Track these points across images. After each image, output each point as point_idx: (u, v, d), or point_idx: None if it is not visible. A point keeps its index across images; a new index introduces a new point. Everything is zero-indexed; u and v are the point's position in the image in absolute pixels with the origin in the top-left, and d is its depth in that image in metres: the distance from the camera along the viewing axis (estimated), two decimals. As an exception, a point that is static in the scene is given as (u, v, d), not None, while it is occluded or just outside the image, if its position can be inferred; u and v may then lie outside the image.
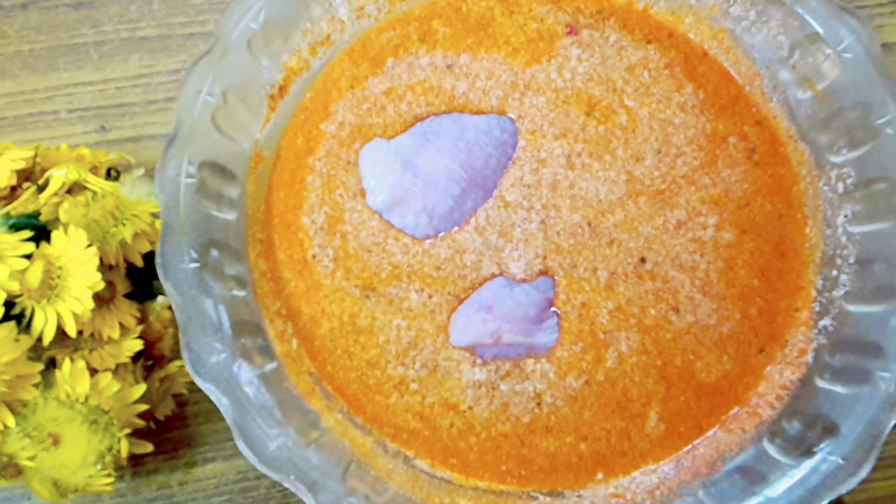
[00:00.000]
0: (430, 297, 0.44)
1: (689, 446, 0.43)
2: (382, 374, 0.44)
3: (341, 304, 0.44)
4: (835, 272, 0.44)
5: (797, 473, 0.39)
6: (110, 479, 0.41)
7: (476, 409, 0.43)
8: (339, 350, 0.44)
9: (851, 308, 0.43)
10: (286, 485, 0.38)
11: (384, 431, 0.43)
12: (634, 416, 0.43)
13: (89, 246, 0.39)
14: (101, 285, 0.39)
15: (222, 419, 0.45)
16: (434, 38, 0.48)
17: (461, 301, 0.44)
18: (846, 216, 0.44)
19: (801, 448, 0.40)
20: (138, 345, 0.42)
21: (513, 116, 0.46)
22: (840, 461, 0.38)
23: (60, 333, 0.39)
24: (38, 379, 0.39)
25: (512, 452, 0.43)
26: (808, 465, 0.39)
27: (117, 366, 0.42)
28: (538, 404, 0.43)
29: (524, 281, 0.44)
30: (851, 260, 0.43)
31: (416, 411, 0.43)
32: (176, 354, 0.46)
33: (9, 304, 0.39)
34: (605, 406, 0.43)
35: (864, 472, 0.37)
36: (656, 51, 0.47)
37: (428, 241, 0.45)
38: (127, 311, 0.42)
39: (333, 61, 0.48)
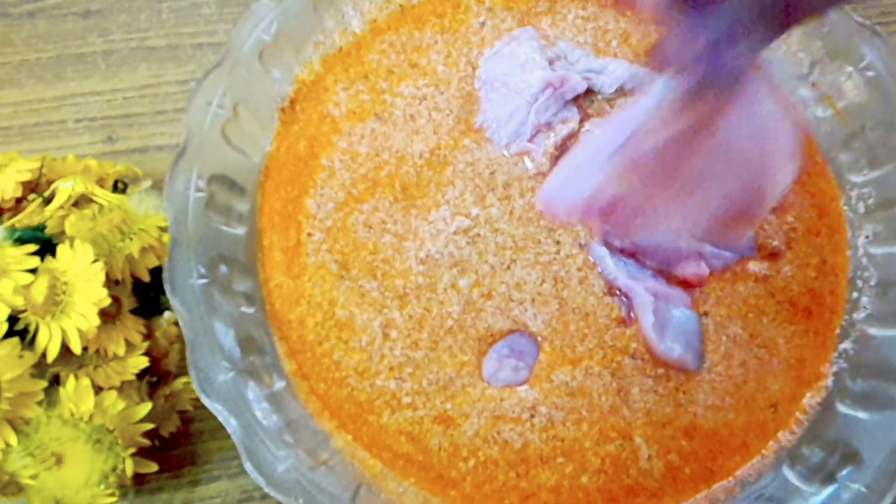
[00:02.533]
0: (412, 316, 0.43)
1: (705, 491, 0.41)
2: (371, 386, 0.42)
3: (325, 289, 0.44)
4: (855, 294, 0.43)
5: (818, 501, 0.38)
6: (113, 499, 0.40)
7: (464, 425, 0.42)
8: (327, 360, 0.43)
9: (873, 331, 0.42)
10: (294, 508, 0.37)
11: (382, 457, 0.42)
12: (623, 439, 0.41)
13: (95, 261, 0.39)
14: (107, 301, 0.38)
15: (227, 437, 0.43)
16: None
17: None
18: (867, 237, 0.43)
19: (822, 475, 0.39)
20: (144, 362, 0.41)
21: None
22: (863, 489, 0.37)
23: (65, 350, 0.38)
24: (41, 397, 0.38)
25: (510, 485, 0.41)
26: (829, 492, 0.38)
27: (122, 383, 0.41)
28: (532, 416, 0.42)
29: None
30: (873, 282, 0.43)
31: (408, 431, 0.42)
32: (181, 370, 0.45)
33: (13, 320, 0.38)
34: (592, 426, 0.42)
35: (887, 502, 0.37)
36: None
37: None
38: (133, 328, 0.42)
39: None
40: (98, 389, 0.40)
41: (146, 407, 0.41)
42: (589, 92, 0.46)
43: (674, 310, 0.42)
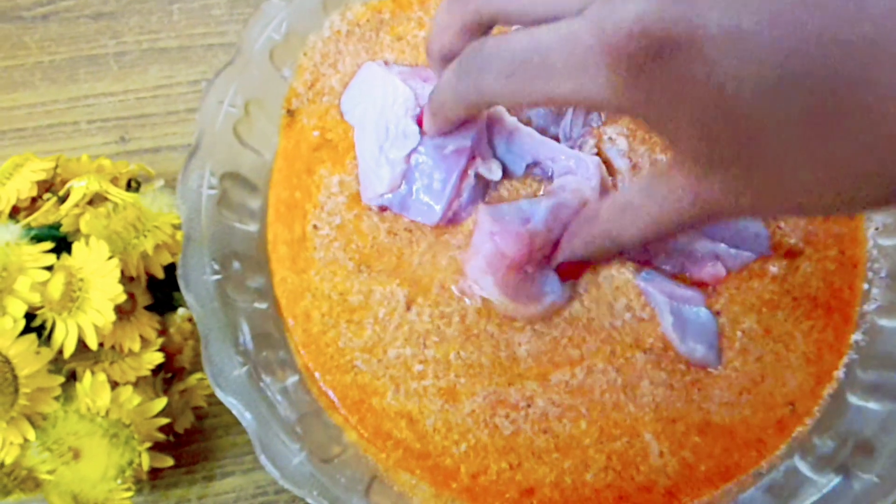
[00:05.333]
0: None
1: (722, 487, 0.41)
2: (380, 361, 0.42)
3: (333, 279, 0.43)
4: (866, 285, 0.43)
5: (830, 492, 0.38)
6: (130, 494, 0.41)
7: (465, 402, 0.41)
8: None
9: (883, 322, 0.42)
10: (309, 500, 0.37)
11: (385, 447, 0.41)
12: (630, 436, 0.41)
13: (111, 258, 0.39)
14: (123, 297, 0.39)
15: (241, 432, 0.44)
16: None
17: None
18: (877, 228, 0.43)
19: (834, 465, 0.39)
20: (159, 357, 0.42)
21: None
22: (874, 479, 0.37)
23: (81, 346, 0.39)
24: (58, 392, 0.39)
25: (504, 477, 0.40)
26: (841, 483, 0.38)
27: (138, 379, 0.41)
28: (528, 405, 0.41)
29: None
30: (883, 273, 0.43)
31: (407, 412, 0.41)
32: (196, 367, 0.45)
33: (30, 317, 0.39)
34: (591, 424, 0.41)
35: (899, 491, 0.37)
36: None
37: None
38: (147, 324, 0.42)
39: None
40: (114, 385, 0.40)
41: (161, 401, 0.42)
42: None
43: (692, 309, 0.42)
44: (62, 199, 0.43)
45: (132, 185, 0.47)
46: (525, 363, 0.41)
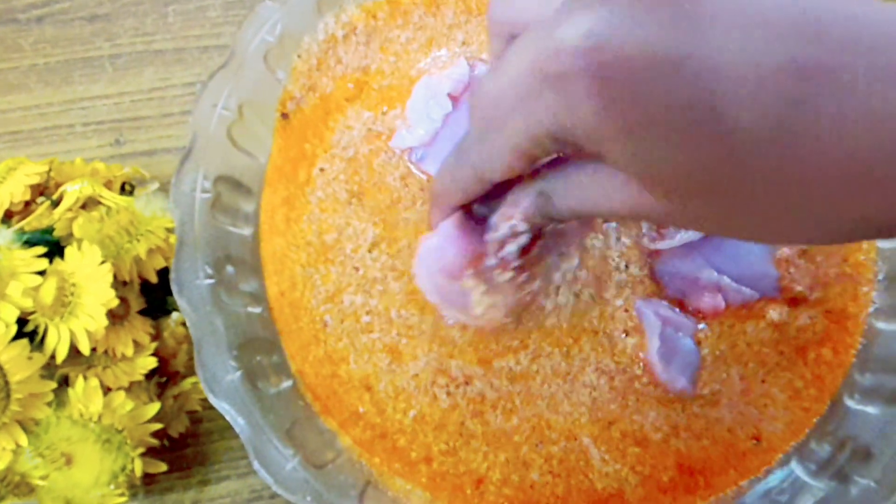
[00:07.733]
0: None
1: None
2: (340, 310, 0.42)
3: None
4: (864, 288, 0.43)
5: (827, 497, 0.38)
6: (123, 499, 0.40)
7: (409, 363, 0.41)
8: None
9: (881, 325, 0.41)
10: (302, 506, 0.37)
11: (352, 434, 0.41)
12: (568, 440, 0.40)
13: (103, 262, 0.39)
14: (115, 302, 0.39)
15: (236, 437, 0.44)
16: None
17: None
18: (875, 231, 0.43)
19: (832, 470, 0.38)
20: (152, 362, 0.42)
21: None
22: (872, 485, 0.37)
23: (74, 351, 0.39)
24: (50, 397, 0.39)
25: (455, 468, 0.40)
26: (839, 488, 0.38)
27: (131, 384, 0.41)
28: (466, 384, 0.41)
29: None
30: (881, 276, 0.42)
31: (361, 376, 0.41)
32: (190, 371, 0.45)
33: (22, 322, 0.38)
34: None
35: (897, 497, 0.36)
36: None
37: None
38: (141, 328, 0.42)
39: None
40: (107, 390, 0.40)
41: (155, 407, 0.41)
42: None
43: (682, 338, 0.41)
44: (55, 203, 0.43)
45: (126, 189, 0.47)
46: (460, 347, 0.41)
